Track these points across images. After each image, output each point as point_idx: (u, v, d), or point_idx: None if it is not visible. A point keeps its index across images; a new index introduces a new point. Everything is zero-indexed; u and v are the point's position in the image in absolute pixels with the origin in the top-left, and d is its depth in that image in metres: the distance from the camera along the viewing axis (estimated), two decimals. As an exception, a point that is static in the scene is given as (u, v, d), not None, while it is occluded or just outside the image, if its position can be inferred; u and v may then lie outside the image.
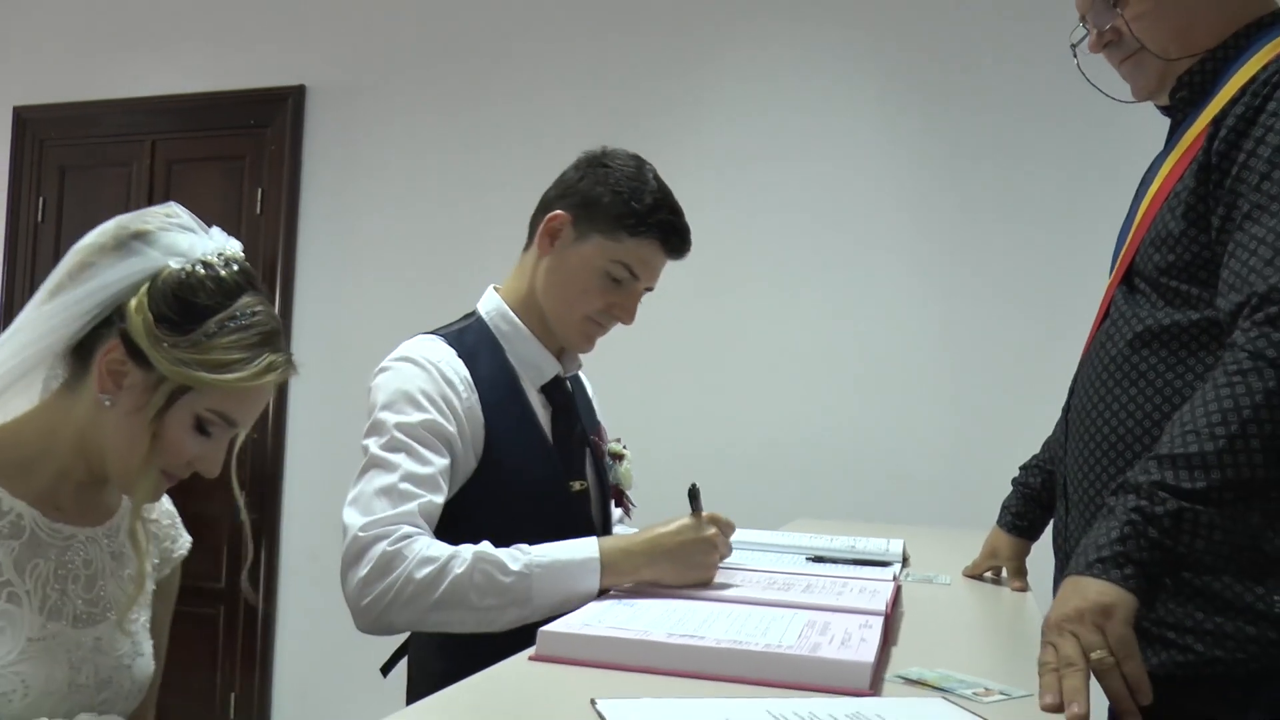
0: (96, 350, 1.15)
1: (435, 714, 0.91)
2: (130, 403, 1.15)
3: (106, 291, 1.14)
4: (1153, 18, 1.35)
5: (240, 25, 4.49)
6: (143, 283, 1.15)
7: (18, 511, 1.16)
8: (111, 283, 1.15)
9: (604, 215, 1.57)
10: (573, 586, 1.36)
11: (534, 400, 1.61)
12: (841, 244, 3.51)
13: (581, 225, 1.59)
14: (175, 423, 1.17)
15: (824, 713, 0.88)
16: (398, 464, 1.42)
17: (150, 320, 1.13)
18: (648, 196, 1.58)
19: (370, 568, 1.35)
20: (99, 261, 1.16)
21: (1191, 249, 1.25)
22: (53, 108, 4.80)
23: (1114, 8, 1.37)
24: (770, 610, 1.23)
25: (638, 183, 1.59)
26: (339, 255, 4.26)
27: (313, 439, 4.28)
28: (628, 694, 0.92)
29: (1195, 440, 1.07)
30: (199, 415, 1.17)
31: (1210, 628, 1.20)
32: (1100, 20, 1.40)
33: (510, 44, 4.03)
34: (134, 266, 1.16)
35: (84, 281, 1.15)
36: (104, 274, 1.15)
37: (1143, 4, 1.35)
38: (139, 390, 1.15)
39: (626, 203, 1.57)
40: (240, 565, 4.35)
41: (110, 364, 1.14)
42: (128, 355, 1.14)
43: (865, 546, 1.88)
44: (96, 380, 1.15)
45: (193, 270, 1.18)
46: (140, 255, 1.16)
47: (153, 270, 1.16)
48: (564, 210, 1.60)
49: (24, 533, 1.16)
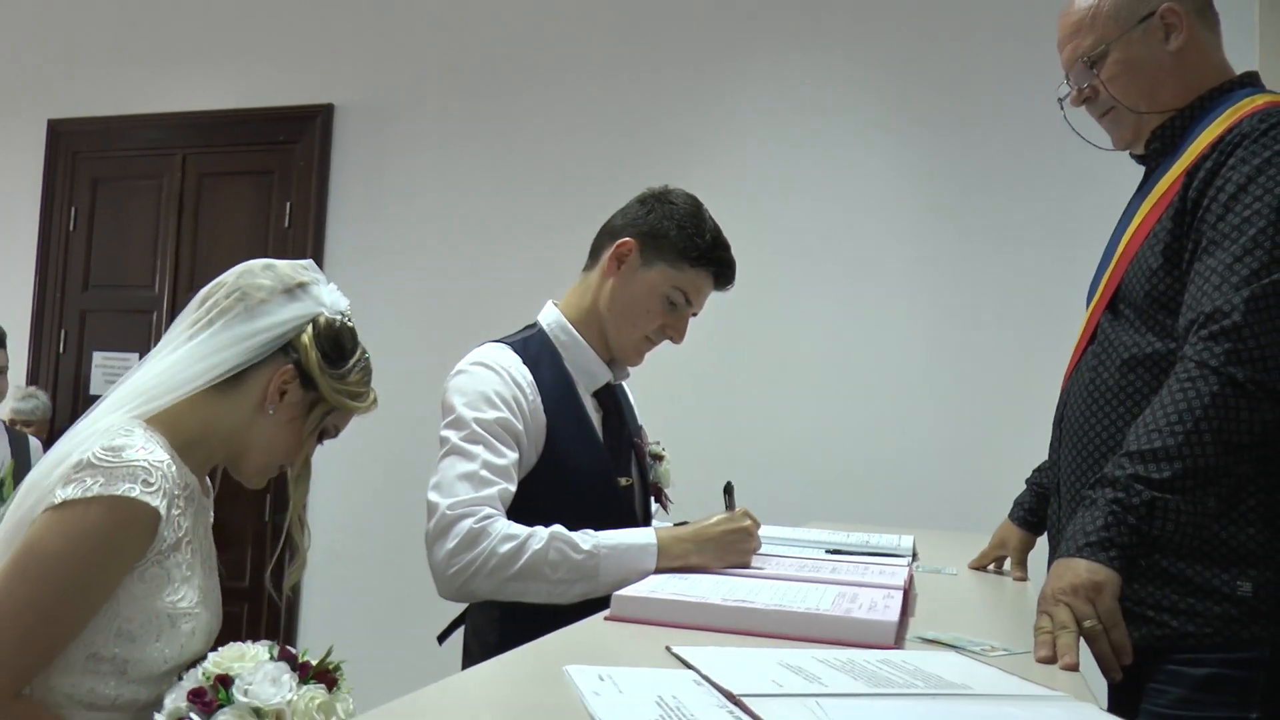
0: (259, 370, 1.43)
1: (530, 657, 1.09)
2: (286, 415, 1.46)
3: (283, 328, 1.44)
4: (1124, 80, 1.58)
5: (272, 45, 4.66)
6: (307, 324, 1.44)
7: (190, 482, 1.40)
8: (286, 321, 1.44)
9: (670, 246, 1.78)
10: (633, 566, 1.56)
11: (587, 403, 1.81)
12: (856, 262, 3.72)
13: (648, 253, 1.79)
14: (307, 433, 1.49)
15: (859, 659, 1.06)
16: (477, 454, 1.62)
17: (319, 355, 1.43)
18: (708, 234, 1.80)
19: (457, 541, 1.55)
20: (271, 301, 1.43)
21: (1166, 281, 1.47)
22: (86, 121, 4.97)
23: (1091, 69, 1.60)
24: (805, 584, 1.42)
25: (699, 220, 1.81)
26: (365, 269, 4.42)
27: (334, 444, 4.43)
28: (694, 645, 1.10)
29: (1158, 437, 1.29)
30: (324, 428, 1.51)
31: (1184, 607, 1.41)
32: (1080, 79, 1.63)
33: (532, 66, 4.21)
34: (300, 310, 1.45)
35: (258, 317, 1.42)
36: (278, 313, 1.44)
37: (1115, 68, 1.58)
38: (295, 406, 1.46)
39: (690, 237, 1.78)
40: (265, 566, 4.51)
41: (280, 383, 1.44)
42: (296, 378, 1.45)
43: (878, 541, 2.06)
44: (263, 394, 1.43)
45: (340, 321, 1.50)
46: (303, 302, 1.46)
47: (312, 314, 1.46)
48: (632, 237, 1.80)
49: (195, 500, 1.41)
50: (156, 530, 1.30)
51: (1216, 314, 1.33)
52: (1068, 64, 1.64)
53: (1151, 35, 1.56)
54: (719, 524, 1.63)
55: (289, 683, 1.25)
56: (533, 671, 1.03)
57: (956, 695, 0.93)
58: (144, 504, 1.27)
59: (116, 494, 1.26)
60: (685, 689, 0.91)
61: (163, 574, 1.33)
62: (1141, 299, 1.50)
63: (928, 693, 0.93)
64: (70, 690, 1.30)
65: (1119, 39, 1.57)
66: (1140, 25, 1.56)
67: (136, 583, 1.31)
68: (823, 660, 1.04)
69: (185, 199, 4.79)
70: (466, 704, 0.90)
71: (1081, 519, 1.30)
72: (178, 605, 1.34)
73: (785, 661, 1.03)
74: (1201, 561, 1.40)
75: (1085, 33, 1.60)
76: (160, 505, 1.28)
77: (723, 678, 0.93)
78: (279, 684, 1.24)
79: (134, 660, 1.31)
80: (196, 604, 1.37)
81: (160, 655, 1.33)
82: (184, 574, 1.36)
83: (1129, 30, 1.56)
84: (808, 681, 0.94)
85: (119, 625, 1.30)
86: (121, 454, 1.28)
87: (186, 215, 4.77)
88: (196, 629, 1.37)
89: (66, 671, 1.30)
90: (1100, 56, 1.58)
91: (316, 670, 1.29)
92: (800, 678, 0.96)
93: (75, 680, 1.30)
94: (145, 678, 1.32)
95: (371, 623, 4.22)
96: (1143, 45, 1.56)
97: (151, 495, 1.28)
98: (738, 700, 0.86)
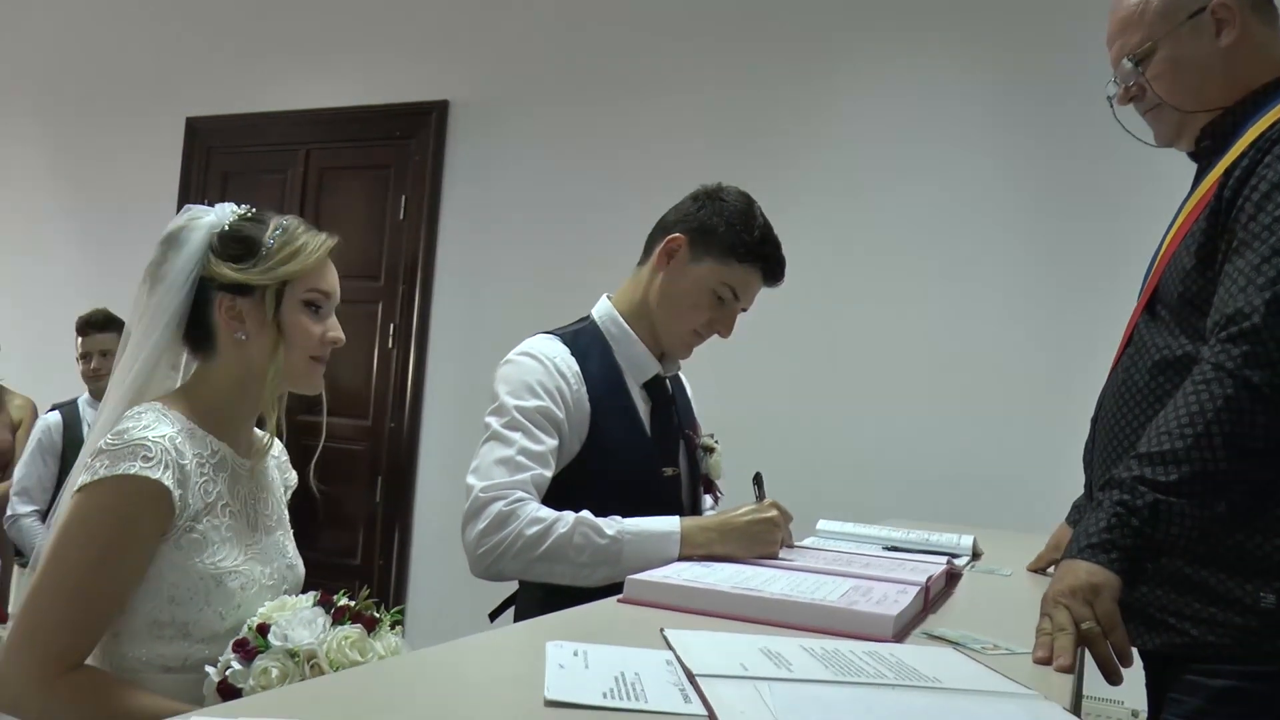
0: (207, 318, 1.50)
1: (536, 630, 1.14)
2: (255, 325, 1.49)
3: (184, 273, 1.49)
4: (1170, 77, 1.54)
5: (390, 44, 4.83)
6: (205, 254, 1.49)
7: (219, 449, 1.49)
8: (181, 267, 1.49)
9: (718, 242, 1.82)
10: (656, 553, 1.60)
11: (636, 395, 1.85)
12: (938, 263, 3.67)
13: (697, 249, 1.83)
14: (291, 314, 1.50)
15: (847, 649, 1.08)
16: (515, 440, 1.68)
17: (230, 263, 1.48)
18: (756, 230, 1.83)
19: (488, 522, 1.62)
20: (165, 263, 1.50)
21: (1199, 282, 1.43)
22: (220, 119, 5.23)
23: (1137, 67, 1.56)
24: (825, 576, 1.44)
25: (748, 217, 1.83)
26: (474, 259, 4.56)
27: (445, 431, 4.58)
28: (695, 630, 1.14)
29: (1168, 439, 1.26)
30: (303, 300, 1.51)
31: (1205, 616, 1.38)
32: (1126, 77, 1.60)
33: (641, 68, 4.26)
34: (190, 249, 1.49)
35: (161, 280, 1.50)
36: (174, 265, 1.49)
37: (1161, 65, 1.54)
38: (255, 313, 1.49)
39: (738, 233, 1.81)
40: (375, 547, 4.69)
41: (226, 312, 1.49)
42: (233, 297, 1.48)
43: (938, 540, 2.06)
44: (224, 329, 1.49)
45: (232, 220, 1.52)
46: (188, 243, 1.51)
47: (205, 241, 1.50)
48: (682, 233, 1.84)
49: (227, 465, 1.49)
50: (169, 500, 1.37)
51: (1237, 315, 1.29)
52: (1115, 61, 1.61)
53: (1201, 32, 1.52)
54: (745, 514, 1.65)
55: (322, 624, 1.35)
56: (519, 644, 1.08)
57: (917, 688, 0.94)
58: (144, 478, 1.35)
59: (118, 473, 1.34)
60: (652, 668, 0.94)
61: (198, 538, 1.41)
62: (1175, 300, 1.46)
63: (889, 684, 0.94)
64: (144, 656, 1.40)
65: (1167, 36, 1.53)
66: (1189, 21, 1.51)
67: (174, 550, 1.39)
68: (807, 649, 1.06)
69: (307, 192, 5.00)
70: (436, 672, 0.95)
71: (1088, 520, 1.28)
72: (220, 565, 1.42)
73: (767, 648, 1.05)
74: (1225, 570, 1.37)
75: (1133, 29, 1.56)
76: (163, 476, 1.36)
77: (692, 658, 0.97)
78: (312, 626, 1.34)
79: (192, 622, 1.40)
80: (242, 561, 1.45)
81: (215, 614, 1.41)
82: (223, 535, 1.44)
83: (1177, 27, 1.52)
84: (776, 666, 0.97)
85: (168, 591, 1.39)
86: (124, 435, 1.37)
87: (308, 208, 4.97)
88: (246, 584, 1.44)
89: (134, 640, 1.40)
90: (1147, 54, 1.55)
91: (354, 612, 1.38)
92: (771, 663, 0.98)
93: (146, 646, 1.40)
94: (210, 637, 1.41)
95: (477, 601, 4.33)
96: (1191, 42, 1.52)
97: (152, 469, 1.35)
98: (694, 679, 0.90)
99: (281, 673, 1.33)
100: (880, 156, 3.80)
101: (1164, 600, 1.41)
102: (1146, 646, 1.46)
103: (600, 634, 1.12)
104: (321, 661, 1.33)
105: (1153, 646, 1.43)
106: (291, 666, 1.33)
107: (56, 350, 5.02)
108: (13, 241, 5.75)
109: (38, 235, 5.69)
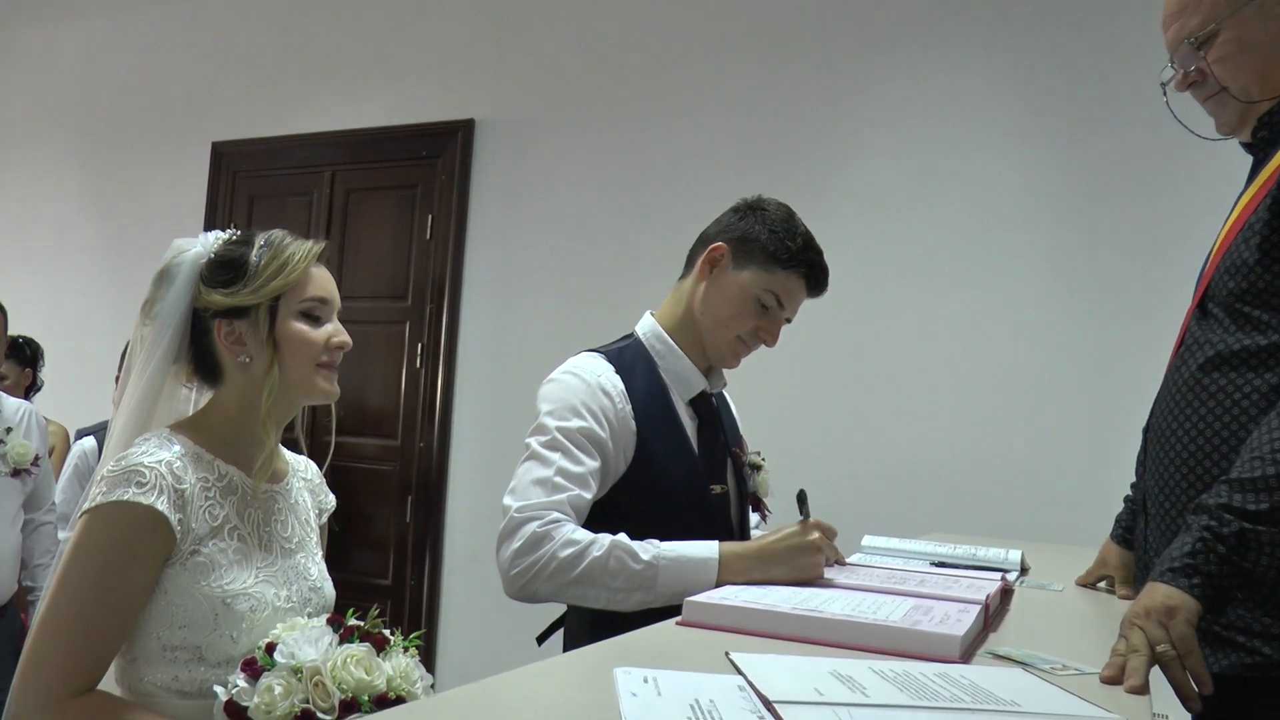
0: (209, 348, 1.52)
1: (598, 656, 1.13)
2: (256, 346, 1.50)
3: (178, 305, 1.51)
4: (1233, 61, 1.47)
5: (415, 64, 4.84)
6: (195, 283, 1.51)
7: (227, 473, 1.49)
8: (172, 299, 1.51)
9: (761, 250, 1.81)
10: (692, 579, 1.56)
11: (682, 412, 1.83)
12: (985, 269, 3.64)
13: (739, 257, 1.83)
14: (288, 326, 1.51)
15: (917, 671, 1.06)
16: (554, 461, 1.67)
17: (219, 289, 1.50)
18: (799, 238, 1.82)
19: (522, 543, 1.60)
20: (158, 302, 1.52)
21: (1265, 277, 1.37)
22: (245, 143, 5.27)
23: (1198, 50, 1.49)
24: (884, 596, 1.42)
25: (790, 225, 1.84)
26: (502, 278, 4.55)
27: (475, 449, 4.57)
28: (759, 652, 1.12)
29: (1260, 465, 1.21)
30: (299, 311, 1.52)
31: (1277, 632, 1.31)
32: (1186, 62, 1.52)
33: (667, 87, 4.26)
34: (181, 283, 1.51)
35: (156, 318, 1.52)
36: (165, 300, 1.51)
37: (1224, 48, 1.47)
38: (254, 333, 1.50)
39: (781, 241, 1.81)
40: (406, 566, 4.68)
41: (226, 337, 1.50)
42: (230, 321, 1.50)
43: (985, 554, 2.03)
44: (227, 355, 1.51)
45: (218, 247, 1.53)
46: (177, 277, 1.52)
47: (193, 273, 1.51)
48: (725, 243, 1.84)
49: (236, 489, 1.49)
50: (165, 525, 1.37)
51: None
52: (1172, 45, 1.54)
53: (1267, 12, 1.44)
54: (784, 539, 1.60)
55: (329, 643, 1.34)
56: (585, 671, 1.06)
57: (999, 712, 0.92)
58: (137, 504, 1.35)
59: (113, 499, 1.35)
60: (727, 694, 0.93)
61: (204, 561, 1.41)
62: (1227, 295, 1.41)
63: (970, 708, 0.92)
64: (160, 680, 1.40)
65: (1230, 17, 1.45)
66: (1254, 2, 1.44)
67: (180, 573, 1.39)
68: (877, 671, 1.05)
69: (334, 214, 5.02)
70: (506, 701, 0.94)
71: (1175, 544, 1.23)
72: (227, 588, 1.41)
73: (837, 670, 1.04)
74: None
75: (1192, 12, 1.49)
76: (156, 501, 1.36)
77: (765, 684, 0.95)
78: (318, 644, 1.34)
79: (205, 645, 1.40)
80: (252, 584, 1.44)
81: (227, 637, 1.40)
82: (230, 558, 1.44)
83: (1241, 8, 1.45)
84: (851, 691, 0.95)
85: (176, 615, 1.39)
86: (123, 462, 1.38)
87: (335, 229, 4.99)
88: (256, 607, 1.43)
89: (150, 664, 1.40)
90: (1209, 37, 1.47)
91: (363, 631, 1.37)
92: (845, 687, 0.97)
93: (161, 670, 1.40)
94: (224, 661, 1.40)
95: (510, 623, 4.33)
96: (1257, 24, 1.45)
97: (145, 494, 1.36)
98: (771, 706, 0.88)
99: (285, 690, 1.32)
100: (908, 173, 3.78)
101: (1230, 617, 1.34)
102: (1213, 669, 1.34)
103: (664, 659, 1.10)
104: (325, 678, 1.33)
105: (1220, 668, 1.35)
106: (295, 683, 1.33)
107: (87, 370, 5.06)
108: (46, 264, 5.80)
109: (68, 258, 5.74)
